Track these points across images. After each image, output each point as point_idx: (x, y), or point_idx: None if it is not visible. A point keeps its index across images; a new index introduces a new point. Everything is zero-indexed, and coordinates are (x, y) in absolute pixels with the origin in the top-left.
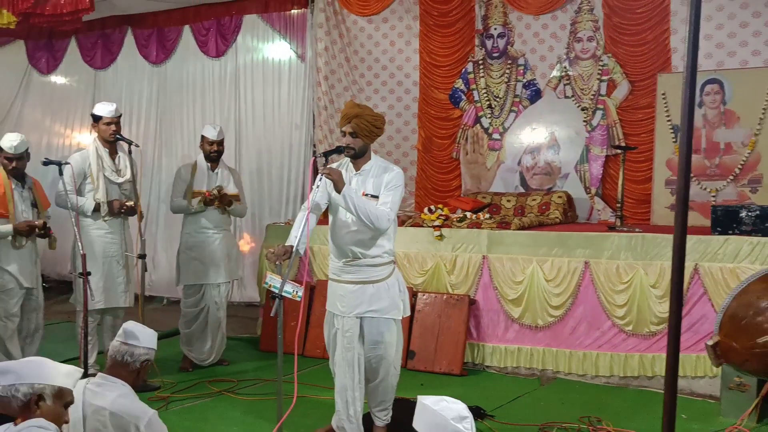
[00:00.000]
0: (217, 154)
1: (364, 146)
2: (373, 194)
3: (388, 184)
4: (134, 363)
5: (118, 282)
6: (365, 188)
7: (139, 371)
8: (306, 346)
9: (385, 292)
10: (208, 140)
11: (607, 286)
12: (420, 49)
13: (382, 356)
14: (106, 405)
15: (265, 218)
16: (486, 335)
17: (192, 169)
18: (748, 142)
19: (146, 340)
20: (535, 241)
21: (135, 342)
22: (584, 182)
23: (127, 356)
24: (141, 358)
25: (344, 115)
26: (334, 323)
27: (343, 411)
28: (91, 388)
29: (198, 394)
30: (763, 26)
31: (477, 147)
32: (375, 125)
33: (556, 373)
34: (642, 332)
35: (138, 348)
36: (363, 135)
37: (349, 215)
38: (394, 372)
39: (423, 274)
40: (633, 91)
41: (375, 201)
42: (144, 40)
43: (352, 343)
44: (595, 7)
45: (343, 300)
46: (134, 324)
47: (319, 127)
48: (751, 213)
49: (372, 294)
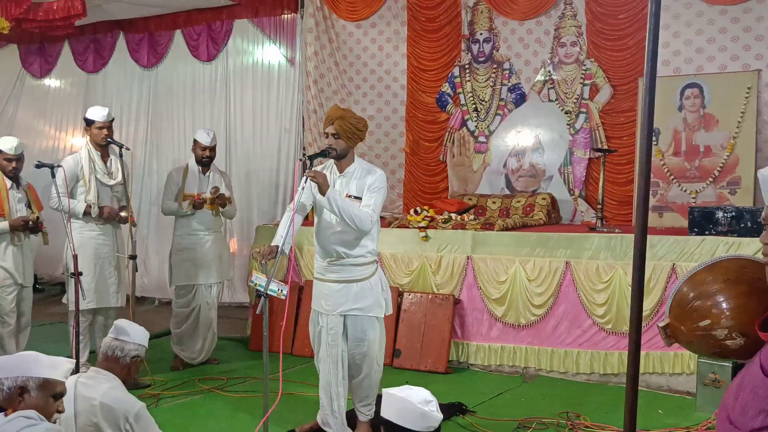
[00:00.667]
0: (209, 159)
1: (346, 148)
2: (357, 196)
3: (371, 186)
4: (125, 358)
5: (110, 282)
6: (349, 190)
7: (130, 367)
8: (295, 344)
9: (368, 290)
10: (201, 145)
11: (588, 286)
12: (408, 54)
13: (366, 353)
14: (96, 396)
15: (255, 220)
16: (470, 334)
17: (183, 173)
18: (726, 145)
19: (137, 336)
20: (518, 242)
21: (126, 338)
22: (568, 184)
23: (118, 351)
24: (131, 353)
25: (328, 117)
26: (318, 321)
27: (327, 406)
28: (83, 381)
29: (188, 391)
30: (741, 32)
31: (463, 150)
32: (357, 128)
33: (539, 370)
34: (621, 330)
35: (128, 344)
36: (345, 137)
37: (333, 216)
38: (377, 368)
39: (409, 274)
40: (615, 95)
41: (358, 203)
42: (135, 45)
43: (336, 341)
44: (578, 12)
45: (327, 298)
46: (126, 321)
47: (309, 130)
48: (727, 214)
49: (356, 292)
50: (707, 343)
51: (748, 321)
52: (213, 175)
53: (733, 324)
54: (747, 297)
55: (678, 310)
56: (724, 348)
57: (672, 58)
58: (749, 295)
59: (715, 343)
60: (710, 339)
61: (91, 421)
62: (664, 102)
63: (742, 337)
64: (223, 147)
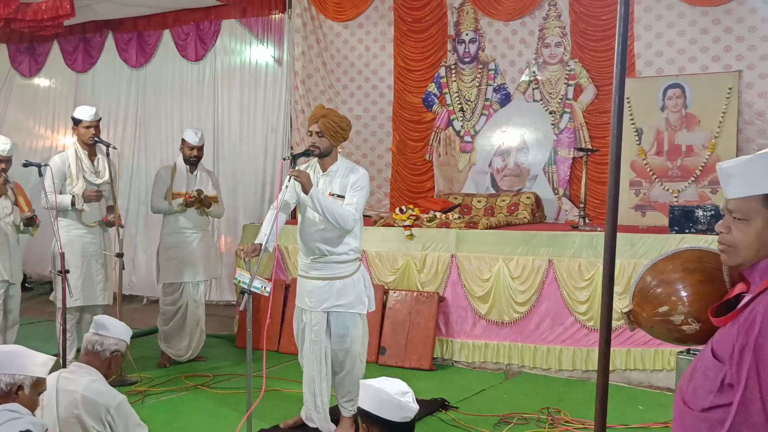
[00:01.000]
0: (197, 158)
1: (329, 147)
2: (339, 194)
3: (354, 185)
4: (104, 352)
5: (97, 280)
6: (332, 188)
7: (110, 361)
8: (281, 342)
9: (351, 287)
10: (189, 145)
11: (570, 283)
12: (394, 54)
13: (348, 349)
14: (78, 389)
15: (243, 219)
16: (454, 331)
17: (172, 172)
18: (708, 145)
19: (116, 331)
20: (502, 240)
21: (105, 332)
22: (552, 183)
23: (98, 345)
24: (111, 347)
25: (312, 115)
26: (302, 318)
27: (311, 402)
28: (65, 376)
29: (174, 388)
30: (722, 33)
31: (449, 149)
32: (341, 126)
33: (522, 367)
34: None
35: (108, 338)
36: (329, 135)
37: (316, 215)
38: (359, 364)
39: (394, 272)
40: (598, 95)
41: (341, 201)
42: (124, 45)
43: (320, 337)
44: (562, 13)
45: (311, 295)
46: (106, 317)
47: (296, 130)
48: (706, 212)
49: (339, 289)
50: (665, 328)
51: (703, 308)
52: (200, 174)
53: (689, 310)
54: (703, 285)
55: (640, 296)
56: (681, 333)
57: (654, 59)
58: (705, 284)
59: (673, 328)
60: (668, 324)
61: (73, 413)
62: (646, 102)
63: (697, 323)
64: (210, 146)
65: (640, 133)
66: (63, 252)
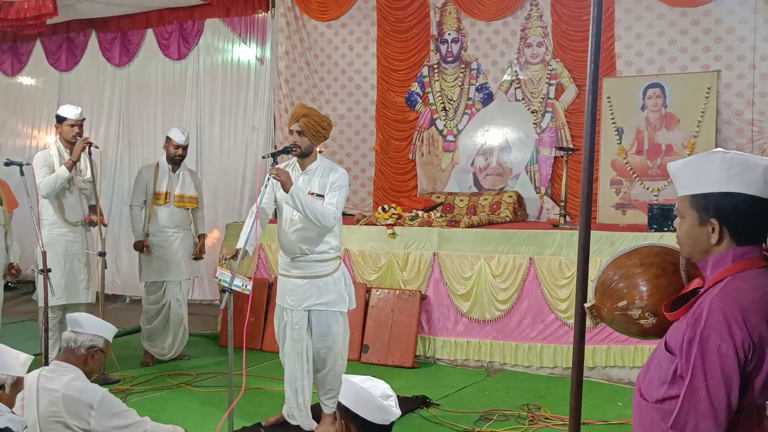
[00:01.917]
0: (181, 157)
1: (310, 146)
2: (319, 193)
3: (334, 185)
4: (79, 349)
5: (80, 279)
6: (311, 187)
7: (86, 357)
8: (264, 340)
9: (332, 285)
10: (175, 143)
11: (551, 281)
12: (377, 54)
13: (330, 347)
14: (58, 388)
15: (223, 217)
16: (437, 329)
17: (154, 171)
18: (687, 144)
19: (91, 327)
20: (483, 239)
21: (79, 329)
22: (534, 182)
23: (72, 342)
24: (86, 344)
25: (293, 114)
26: (283, 316)
27: (293, 399)
28: (45, 375)
29: (157, 386)
30: (701, 33)
31: (432, 148)
32: (321, 126)
33: (503, 364)
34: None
35: (82, 335)
36: (310, 134)
37: (296, 214)
38: (341, 362)
39: (376, 270)
40: (580, 95)
41: (321, 200)
42: (108, 44)
43: (301, 335)
44: (543, 14)
45: (292, 294)
46: (81, 314)
47: (280, 129)
48: None
49: (320, 288)
50: (625, 322)
51: (660, 302)
52: (183, 173)
53: (646, 304)
54: (659, 279)
55: (601, 291)
56: (639, 327)
57: (635, 59)
58: (661, 278)
59: (631, 322)
60: (627, 318)
61: (54, 412)
62: (627, 102)
63: (654, 317)
64: (194, 145)
65: (620, 133)
66: (45, 251)
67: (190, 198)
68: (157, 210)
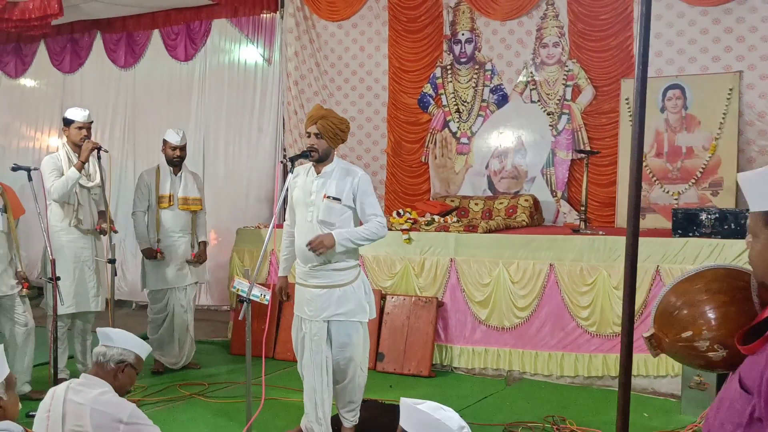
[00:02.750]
0: (180, 159)
1: (328, 149)
2: (335, 197)
3: (364, 193)
4: (108, 363)
5: (90, 287)
6: (327, 191)
7: (116, 372)
8: (276, 349)
9: (351, 294)
10: (171, 145)
11: (571, 288)
12: (389, 54)
13: (350, 358)
14: (86, 402)
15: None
16: (454, 337)
17: (156, 175)
18: (708, 146)
19: (121, 341)
20: (502, 244)
21: (109, 343)
22: (550, 186)
23: (101, 357)
24: (115, 357)
25: (310, 116)
26: (301, 327)
27: (312, 413)
28: (74, 387)
29: (169, 397)
30: (722, 33)
31: (445, 151)
32: (340, 128)
33: (523, 373)
34: (605, 333)
35: (112, 348)
36: (328, 137)
37: (313, 219)
38: (361, 373)
39: (392, 276)
40: (597, 96)
41: (337, 203)
42: (113, 45)
43: (320, 347)
44: (560, 13)
45: (310, 304)
46: (112, 328)
47: (289, 131)
48: (710, 216)
49: (339, 297)
50: (690, 354)
51: (730, 332)
52: (185, 175)
53: (715, 335)
54: (728, 307)
55: (662, 320)
56: (706, 359)
57: (654, 59)
58: (731, 305)
59: (698, 355)
60: (692, 350)
61: (80, 426)
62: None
63: (723, 349)
64: (200, 147)
65: None
66: (54, 258)
67: (194, 200)
68: (161, 214)
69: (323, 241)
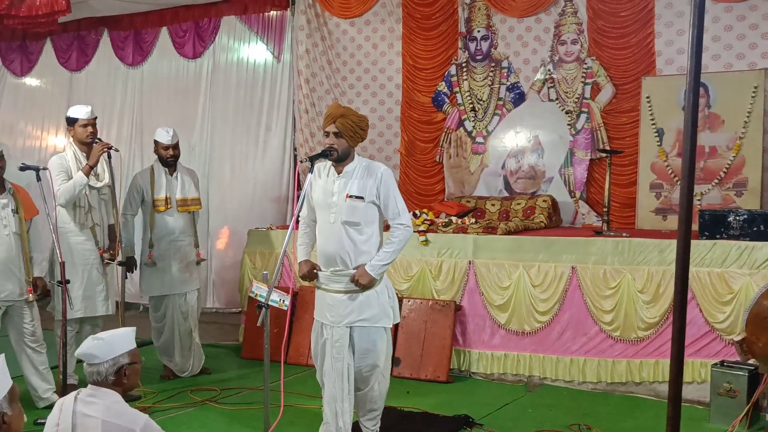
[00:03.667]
0: (174, 158)
1: (347, 148)
2: (358, 195)
3: (387, 189)
4: (108, 378)
5: (98, 290)
6: (349, 190)
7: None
8: (289, 353)
9: (374, 299)
10: (163, 145)
11: (594, 292)
12: (403, 52)
13: (374, 365)
14: (98, 414)
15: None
16: (472, 341)
17: (150, 177)
18: (732, 146)
19: (107, 352)
20: (521, 246)
21: (95, 360)
22: (569, 186)
23: (96, 377)
24: (111, 370)
25: (328, 115)
26: (322, 333)
27: (332, 422)
28: (82, 399)
29: (180, 404)
30: (747, 29)
31: (460, 151)
32: (360, 126)
33: (543, 379)
34: (629, 338)
35: (102, 365)
36: (347, 136)
37: (336, 221)
38: (383, 380)
39: (408, 279)
40: (617, 95)
41: (360, 202)
42: (120, 42)
43: (342, 353)
44: (578, 10)
45: (331, 309)
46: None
47: (300, 130)
48: (739, 217)
49: (361, 302)
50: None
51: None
52: (181, 176)
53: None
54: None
55: (754, 324)
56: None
57: (676, 57)
58: None
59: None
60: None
61: None
62: (667, 102)
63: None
64: (207, 146)
65: (660, 134)
66: (63, 261)
67: (193, 200)
68: (157, 218)
69: (361, 282)
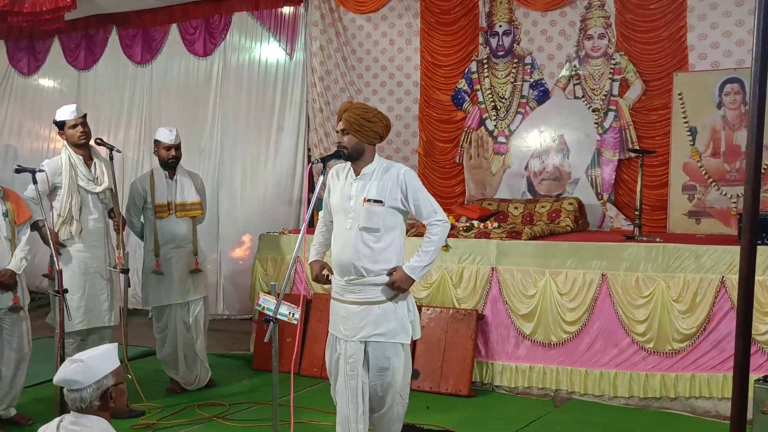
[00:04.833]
0: (175, 160)
1: (357, 144)
2: (377, 199)
3: (414, 190)
4: (93, 404)
5: (102, 300)
6: (368, 194)
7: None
8: (303, 364)
9: (392, 313)
10: (165, 145)
11: (626, 300)
12: (421, 48)
13: (389, 384)
14: None
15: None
16: (495, 353)
17: (150, 182)
18: None
19: (88, 377)
20: (548, 252)
21: (77, 386)
22: (595, 188)
23: (80, 403)
24: (95, 395)
25: (337, 113)
26: (336, 347)
27: None
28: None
29: (186, 420)
30: None
31: (481, 151)
32: (365, 118)
33: (571, 393)
34: (664, 350)
35: (83, 391)
36: (353, 130)
37: (353, 227)
38: (401, 400)
39: (427, 287)
40: (647, 91)
41: (379, 206)
42: (129, 40)
43: (356, 370)
44: (606, 2)
45: (345, 322)
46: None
47: (314, 130)
48: None
49: (378, 315)
50: None
51: None
52: (181, 179)
53: None
54: None
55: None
56: None
57: (710, 51)
58: None
59: None
60: None
61: None
62: (701, 98)
63: None
64: (218, 147)
65: (693, 133)
66: (61, 269)
67: (193, 204)
68: (159, 225)
69: (403, 288)
